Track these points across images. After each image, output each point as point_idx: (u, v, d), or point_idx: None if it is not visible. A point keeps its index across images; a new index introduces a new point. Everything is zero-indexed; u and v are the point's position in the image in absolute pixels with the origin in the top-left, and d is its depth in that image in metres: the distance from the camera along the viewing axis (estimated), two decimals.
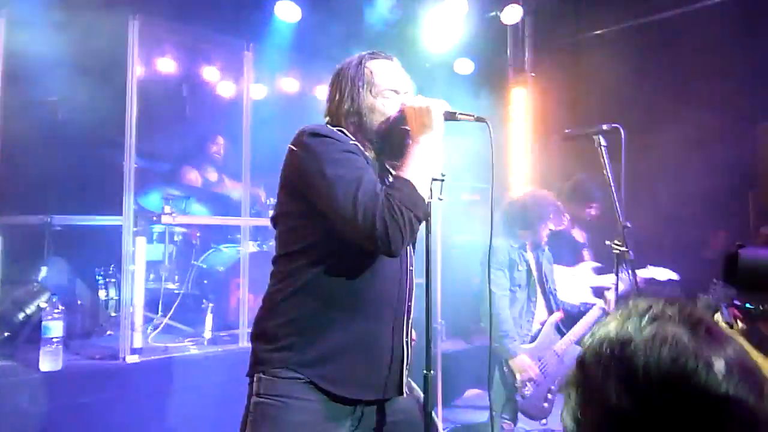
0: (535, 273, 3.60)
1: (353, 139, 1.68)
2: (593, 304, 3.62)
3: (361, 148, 1.68)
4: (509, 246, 3.51)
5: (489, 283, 2.90)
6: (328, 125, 1.72)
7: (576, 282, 3.90)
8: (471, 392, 4.93)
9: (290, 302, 1.62)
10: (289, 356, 1.58)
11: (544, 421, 3.54)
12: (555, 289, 3.67)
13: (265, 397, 1.57)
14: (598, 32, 5.67)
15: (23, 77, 3.54)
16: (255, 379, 1.61)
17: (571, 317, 3.65)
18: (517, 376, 3.35)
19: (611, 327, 0.81)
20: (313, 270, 1.60)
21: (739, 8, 4.59)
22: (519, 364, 3.35)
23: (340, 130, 1.68)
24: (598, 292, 3.75)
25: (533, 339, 3.50)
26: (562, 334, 3.57)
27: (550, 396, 3.46)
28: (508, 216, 3.57)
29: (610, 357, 0.77)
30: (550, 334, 3.53)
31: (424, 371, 1.72)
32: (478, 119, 1.73)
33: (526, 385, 3.37)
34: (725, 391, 0.71)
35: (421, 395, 1.77)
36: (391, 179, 1.66)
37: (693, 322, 0.78)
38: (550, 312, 3.61)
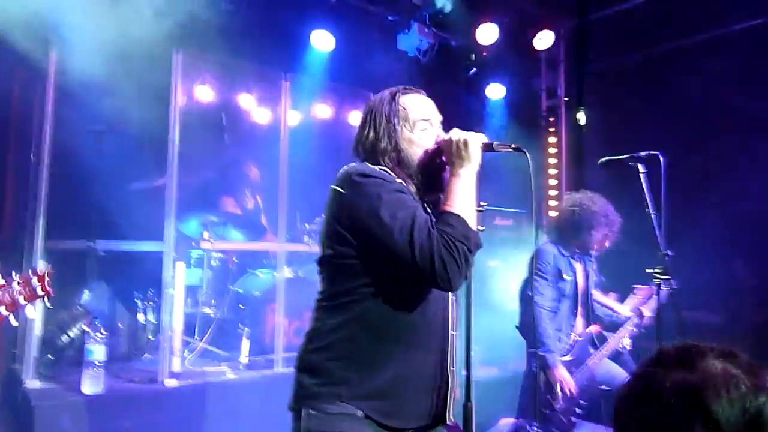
0: (581, 282, 3.51)
1: (398, 177, 1.69)
2: (628, 318, 3.53)
3: (405, 185, 1.69)
4: (557, 253, 3.44)
5: (534, 303, 2.87)
6: (367, 164, 1.72)
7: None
8: (505, 421, 4.84)
9: (342, 336, 1.62)
10: (342, 390, 1.57)
11: None
12: (595, 301, 3.61)
13: None
14: (632, 55, 5.63)
15: (73, 107, 3.69)
16: (303, 414, 1.59)
17: (606, 328, 3.58)
18: (557, 387, 3.28)
19: (662, 374, 0.86)
20: (365, 305, 1.61)
21: None
22: (558, 377, 3.29)
23: (383, 170, 1.68)
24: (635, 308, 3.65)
25: (569, 351, 3.44)
26: (596, 348, 3.49)
27: (578, 410, 3.39)
28: (560, 221, 3.50)
29: (688, 405, 0.81)
30: (584, 347, 3.46)
31: (464, 401, 1.71)
32: (516, 149, 1.73)
33: (558, 399, 3.31)
34: None
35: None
36: (432, 212, 1.67)
37: (733, 356, 0.85)
38: (588, 323, 3.54)
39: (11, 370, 3.72)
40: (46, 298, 2.17)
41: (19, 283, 2.09)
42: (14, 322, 2.05)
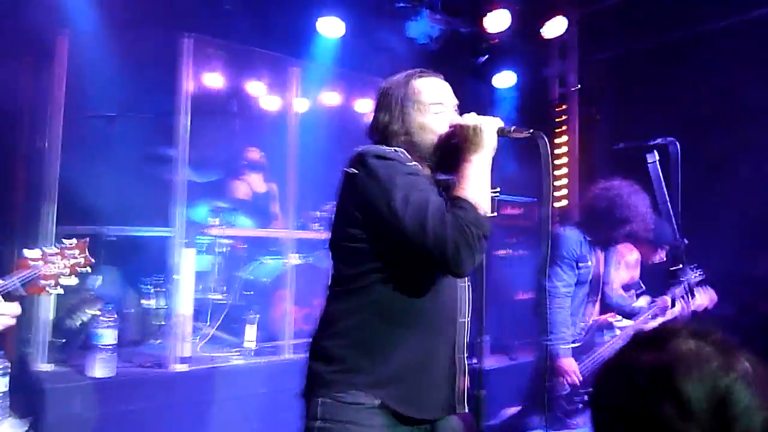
0: (601, 269, 3.46)
1: (412, 160, 1.66)
2: (651, 306, 3.48)
3: (419, 167, 1.67)
4: (581, 238, 3.33)
5: (546, 290, 2.84)
6: (381, 146, 1.70)
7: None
8: (510, 411, 4.83)
9: (354, 322, 1.60)
10: (357, 378, 1.56)
11: (576, 422, 3.45)
12: (612, 289, 3.57)
13: (329, 422, 1.55)
14: (644, 44, 5.57)
15: (83, 92, 3.68)
16: (317, 402, 1.57)
17: (623, 314, 3.55)
18: (562, 378, 3.25)
19: (634, 354, 0.88)
20: (378, 289, 1.59)
21: None
22: (565, 367, 3.25)
23: (396, 151, 1.65)
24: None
25: (579, 338, 3.41)
26: (611, 336, 3.47)
27: (586, 397, 3.37)
28: (593, 205, 3.41)
29: (658, 384, 0.82)
30: (597, 334, 3.43)
31: (476, 390, 1.70)
32: (533, 135, 1.69)
33: (564, 385, 3.29)
34: (749, 403, 0.79)
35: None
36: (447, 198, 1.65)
37: (705, 334, 0.86)
38: (603, 311, 3.50)
39: (23, 354, 3.75)
40: (88, 268, 2.13)
41: (57, 254, 2.07)
42: (57, 291, 2.04)
